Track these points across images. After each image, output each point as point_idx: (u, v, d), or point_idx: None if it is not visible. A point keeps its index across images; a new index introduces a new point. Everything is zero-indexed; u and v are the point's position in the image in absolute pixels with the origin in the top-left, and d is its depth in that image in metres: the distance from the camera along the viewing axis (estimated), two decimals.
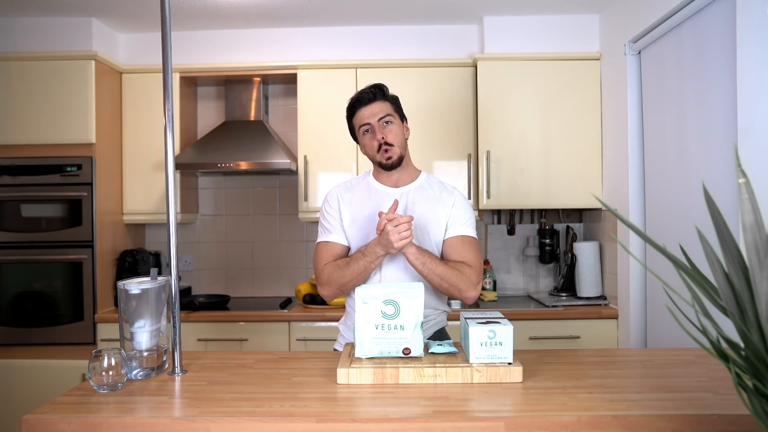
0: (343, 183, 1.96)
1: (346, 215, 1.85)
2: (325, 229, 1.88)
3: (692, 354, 1.63)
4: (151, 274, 1.52)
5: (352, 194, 1.89)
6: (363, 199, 1.87)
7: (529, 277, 3.42)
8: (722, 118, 1.95)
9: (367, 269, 1.74)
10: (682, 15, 2.17)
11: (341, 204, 1.87)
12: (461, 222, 1.84)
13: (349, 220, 1.85)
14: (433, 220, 1.83)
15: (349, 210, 1.86)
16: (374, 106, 1.82)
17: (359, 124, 1.84)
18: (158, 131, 3.14)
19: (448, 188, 1.91)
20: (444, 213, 1.84)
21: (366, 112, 1.82)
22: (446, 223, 1.84)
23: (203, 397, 1.32)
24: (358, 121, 1.85)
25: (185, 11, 2.93)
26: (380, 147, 1.80)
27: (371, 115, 1.81)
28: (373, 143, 1.81)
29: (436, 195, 1.87)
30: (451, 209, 1.85)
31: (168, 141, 1.54)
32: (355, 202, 1.87)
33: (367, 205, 1.85)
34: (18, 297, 2.94)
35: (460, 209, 1.86)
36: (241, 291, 3.47)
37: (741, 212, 0.80)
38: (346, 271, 1.76)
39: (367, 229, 1.82)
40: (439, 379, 1.39)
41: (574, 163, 3.01)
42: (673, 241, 1.22)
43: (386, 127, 1.82)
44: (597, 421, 1.16)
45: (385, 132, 1.81)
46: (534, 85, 3.02)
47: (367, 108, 1.82)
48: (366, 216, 1.83)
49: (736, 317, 0.81)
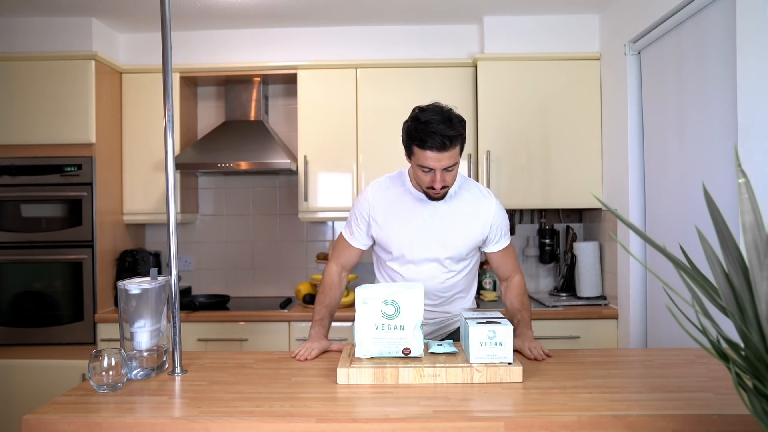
0: (382, 182, 1.92)
1: (378, 220, 1.87)
2: (351, 228, 1.94)
3: (692, 354, 1.63)
4: (151, 274, 1.52)
5: (386, 197, 1.88)
6: (396, 202, 1.87)
7: (529, 277, 3.42)
8: (722, 118, 1.95)
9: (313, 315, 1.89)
10: (682, 15, 2.17)
11: (372, 207, 1.88)
12: (503, 233, 1.90)
13: (379, 223, 1.87)
14: (461, 235, 1.84)
15: (380, 213, 1.87)
16: (445, 154, 1.67)
17: (421, 162, 1.70)
18: (158, 131, 3.14)
19: (485, 196, 1.89)
20: (482, 224, 1.85)
21: (433, 158, 1.67)
22: (486, 235, 1.86)
23: (203, 397, 1.32)
24: (421, 157, 1.69)
25: (185, 11, 2.93)
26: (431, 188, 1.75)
27: (437, 162, 1.68)
28: (426, 181, 1.74)
29: (474, 204, 1.85)
30: (491, 222, 1.85)
31: (168, 141, 1.54)
32: (388, 205, 1.87)
33: (399, 210, 1.86)
34: (18, 297, 2.94)
35: (501, 221, 1.88)
36: (241, 291, 3.47)
37: (741, 212, 0.80)
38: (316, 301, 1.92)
39: (396, 234, 1.85)
40: (439, 379, 1.39)
41: (574, 163, 3.01)
42: (673, 241, 1.22)
43: (447, 173, 1.72)
44: (597, 421, 1.16)
45: (445, 177, 1.72)
46: (534, 85, 3.02)
47: (436, 155, 1.66)
48: (396, 221, 1.85)
49: (736, 317, 0.81)
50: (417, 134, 1.67)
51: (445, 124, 1.65)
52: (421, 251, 1.84)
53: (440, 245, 1.83)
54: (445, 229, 1.83)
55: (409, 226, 1.83)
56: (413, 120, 1.70)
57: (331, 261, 1.97)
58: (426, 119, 1.66)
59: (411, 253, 1.85)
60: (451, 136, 1.65)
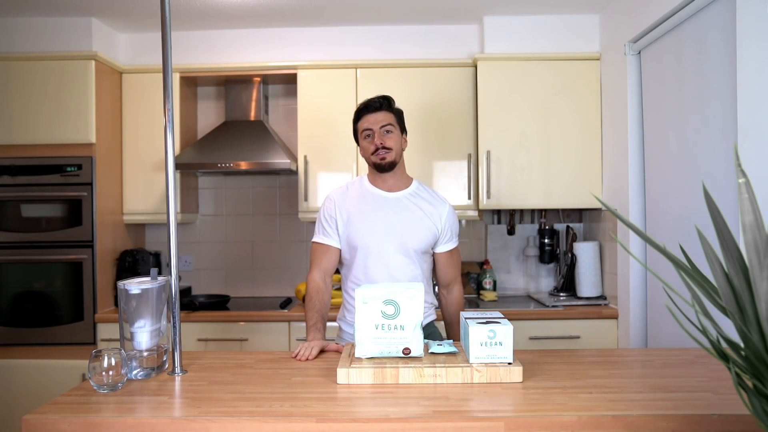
0: (340, 187, 2.10)
1: (343, 217, 2.00)
2: (323, 229, 2.04)
3: (692, 354, 1.63)
4: (151, 274, 1.52)
5: (347, 197, 2.04)
6: (358, 200, 2.02)
7: (529, 277, 3.42)
8: (722, 118, 1.95)
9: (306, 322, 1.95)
10: (682, 15, 2.17)
11: (337, 207, 2.02)
12: (454, 235, 2.07)
13: (345, 220, 2.00)
14: (420, 228, 1.98)
15: (346, 211, 2.00)
16: (379, 114, 1.97)
17: (362, 128, 2.00)
18: (158, 131, 3.14)
19: (439, 199, 2.07)
20: (434, 225, 2.01)
21: (370, 119, 1.98)
22: (438, 235, 2.02)
23: (203, 397, 1.32)
24: (361, 125, 2.01)
25: (185, 11, 2.93)
26: (377, 150, 1.95)
27: (374, 122, 1.97)
28: (371, 146, 1.97)
29: (428, 206, 2.02)
30: (443, 223, 2.02)
31: (168, 141, 1.54)
32: (351, 203, 2.01)
33: (362, 206, 2.00)
34: (18, 297, 2.94)
35: (453, 223, 2.06)
36: (241, 291, 3.47)
37: (741, 212, 0.80)
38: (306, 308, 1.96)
39: (361, 228, 1.97)
40: (439, 379, 1.39)
41: (574, 163, 3.01)
42: (673, 241, 1.22)
43: (386, 135, 1.97)
44: (597, 421, 1.16)
45: (384, 138, 1.96)
46: (534, 85, 3.02)
47: (372, 115, 1.98)
48: (361, 216, 1.98)
49: (736, 317, 0.81)
50: (356, 111, 2.03)
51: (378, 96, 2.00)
52: (386, 242, 1.95)
53: (401, 236, 1.96)
54: (405, 221, 1.97)
55: (373, 219, 1.97)
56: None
57: (312, 270, 2.02)
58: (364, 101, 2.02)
59: (377, 243, 1.95)
60: (380, 99, 1.99)
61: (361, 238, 1.96)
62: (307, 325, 1.90)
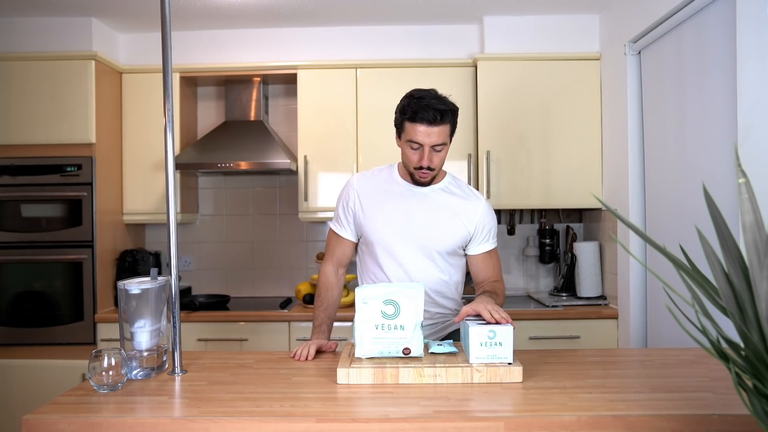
0: (366, 173, 1.92)
1: (364, 207, 1.84)
2: (339, 220, 1.90)
3: (692, 354, 1.63)
4: (151, 274, 1.52)
5: (372, 187, 1.86)
6: (380, 190, 1.85)
7: (529, 277, 3.42)
8: (722, 118, 1.95)
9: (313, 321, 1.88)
10: (682, 15, 2.17)
11: (359, 197, 1.85)
12: (491, 235, 1.87)
13: (362, 210, 1.84)
14: (445, 228, 1.81)
15: (368, 202, 1.84)
16: (434, 129, 1.69)
17: (411, 137, 1.72)
18: (158, 131, 3.14)
19: (473, 195, 1.87)
20: (464, 225, 1.82)
21: (424, 131, 1.69)
22: (469, 236, 1.83)
23: (203, 397, 1.32)
24: (411, 134, 1.72)
25: (185, 11, 2.93)
26: (420, 168, 1.74)
27: (426, 138, 1.70)
28: (414, 160, 1.75)
29: (460, 202, 1.84)
30: (477, 222, 1.83)
31: (168, 141, 1.54)
32: (372, 192, 1.85)
33: (383, 197, 1.84)
34: (18, 297, 2.94)
35: (489, 221, 1.86)
36: (241, 291, 3.47)
37: (741, 212, 0.80)
38: (315, 304, 1.90)
39: (377, 222, 1.81)
40: (439, 379, 1.39)
41: (574, 163, 3.01)
42: (673, 241, 1.22)
43: (435, 154, 1.73)
44: (597, 421, 1.16)
45: (432, 157, 1.73)
46: (534, 85, 3.02)
47: (427, 128, 1.69)
48: (379, 208, 1.82)
49: (736, 317, 0.81)
50: (409, 108, 1.71)
51: (438, 100, 1.71)
52: (404, 240, 1.80)
53: (423, 234, 1.79)
54: (429, 218, 1.80)
55: (393, 213, 1.81)
56: (407, 97, 1.75)
57: (326, 261, 1.93)
58: (420, 95, 1.73)
59: (393, 240, 1.80)
60: (442, 110, 1.69)
61: (375, 232, 1.81)
62: (313, 325, 1.85)
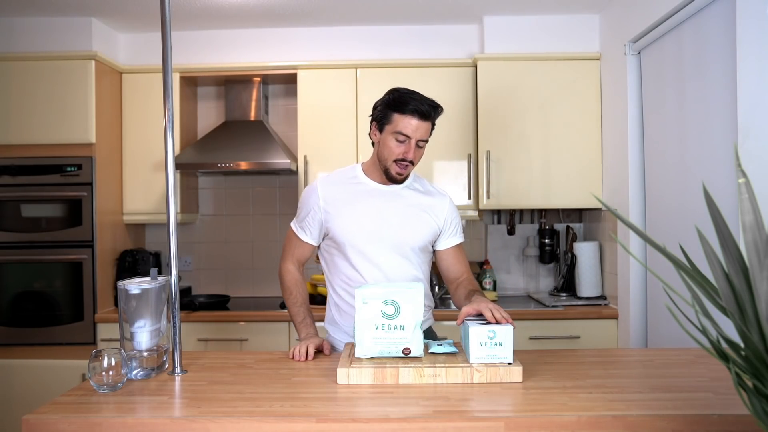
0: (330, 176, 1.90)
1: (331, 211, 1.81)
2: (302, 224, 1.87)
3: (692, 354, 1.63)
4: (151, 274, 1.52)
5: (338, 189, 1.84)
6: (345, 191, 1.84)
7: (529, 277, 3.42)
8: (722, 118, 1.95)
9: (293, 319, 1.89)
10: (682, 15, 2.17)
11: (325, 202, 1.82)
12: (458, 230, 1.93)
13: (335, 215, 1.80)
14: (417, 223, 1.83)
15: (335, 205, 1.81)
16: (423, 124, 1.74)
17: (399, 129, 1.74)
18: (158, 131, 3.14)
19: (438, 192, 1.93)
20: (434, 220, 1.86)
21: (414, 125, 1.73)
22: (438, 230, 1.87)
23: (203, 397, 1.32)
24: (401, 124, 1.73)
25: (185, 11, 2.93)
26: (402, 160, 1.76)
27: (415, 131, 1.73)
28: (397, 152, 1.75)
29: (427, 199, 1.88)
30: (444, 216, 1.88)
31: (168, 141, 1.54)
32: (343, 197, 1.83)
33: (348, 198, 1.82)
34: (18, 297, 2.94)
35: (456, 216, 1.92)
36: (241, 291, 3.47)
37: (741, 212, 0.80)
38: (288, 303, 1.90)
39: (345, 224, 1.80)
40: (439, 379, 1.39)
41: (574, 163, 3.01)
42: (673, 241, 1.22)
43: (417, 149, 1.78)
44: (597, 421, 1.16)
45: (415, 153, 1.77)
46: (534, 85, 3.02)
47: (417, 122, 1.73)
48: (357, 210, 1.81)
49: (736, 317, 0.81)
50: (400, 100, 1.74)
51: (426, 98, 1.77)
52: (377, 240, 1.79)
53: (396, 232, 1.80)
54: (400, 216, 1.81)
55: (361, 213, 1.80)
56: (393, 92, 1.79)
57: (286, 260, 1.91)
58: (408, 90, 1.78)
59: (365, 241, 1.79)
60: (435, 106, 1.76)
61: (346, 234, 1.79)
62: (296, 323, 1.84)
